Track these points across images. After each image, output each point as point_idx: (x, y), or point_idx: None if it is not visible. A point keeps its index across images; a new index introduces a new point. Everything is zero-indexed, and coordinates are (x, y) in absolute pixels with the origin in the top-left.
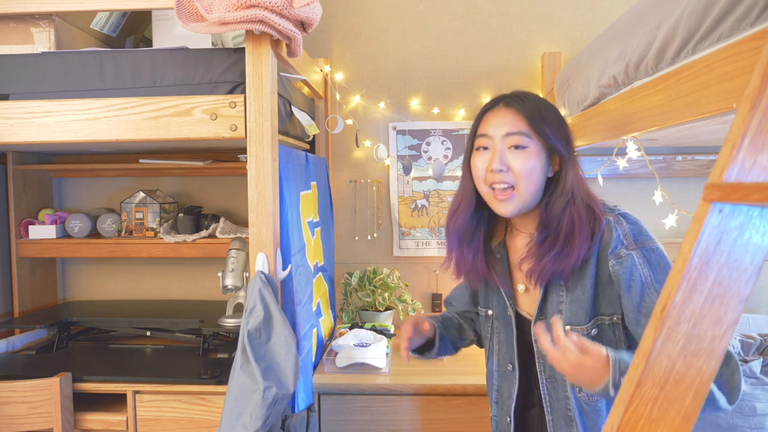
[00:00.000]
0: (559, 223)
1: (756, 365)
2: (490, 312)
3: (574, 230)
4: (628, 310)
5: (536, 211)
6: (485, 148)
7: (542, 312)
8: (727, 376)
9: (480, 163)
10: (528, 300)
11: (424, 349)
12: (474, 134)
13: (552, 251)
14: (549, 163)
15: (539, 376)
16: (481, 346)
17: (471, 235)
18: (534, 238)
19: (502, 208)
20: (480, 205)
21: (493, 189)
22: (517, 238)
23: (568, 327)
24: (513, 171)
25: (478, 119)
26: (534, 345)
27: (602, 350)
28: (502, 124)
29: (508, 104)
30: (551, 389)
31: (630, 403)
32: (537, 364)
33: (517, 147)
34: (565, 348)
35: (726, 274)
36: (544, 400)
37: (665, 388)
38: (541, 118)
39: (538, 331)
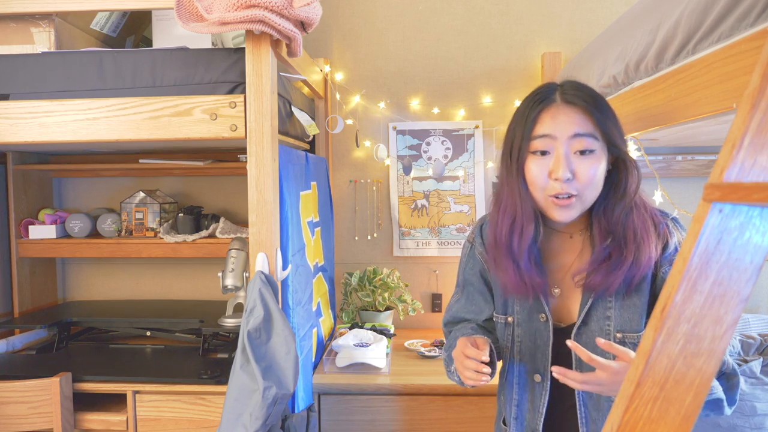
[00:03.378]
0: (625, 231)
1: (756, 365)
2: (510, 319)
3: (643, 238)
4: None
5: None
6: (544, 153)
7: (587, 319)
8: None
9: (538, 169)
10: (562, 305)
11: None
12: (528, 135)
13: (624, 264)
14: (607, 161)
15: (576, 392)
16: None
17: (534, 248)
18: (597, 248)
19: (564, 214)
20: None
21: (553, 195)
22: (554, 238)
23: (620, 334)
24: (578, 178)
25: (534, 118)
26: (573, 353)
27: (630, 353)
28: (568, 123)
29: (569, 101)
30: (590, 403)
31: (630, 403)
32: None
33: (583, 152)
34: (603, 363)
35: (726, 274)
36: (579, 413)
37: (665, 388)
38: (605, 116)
39: (574, 347)
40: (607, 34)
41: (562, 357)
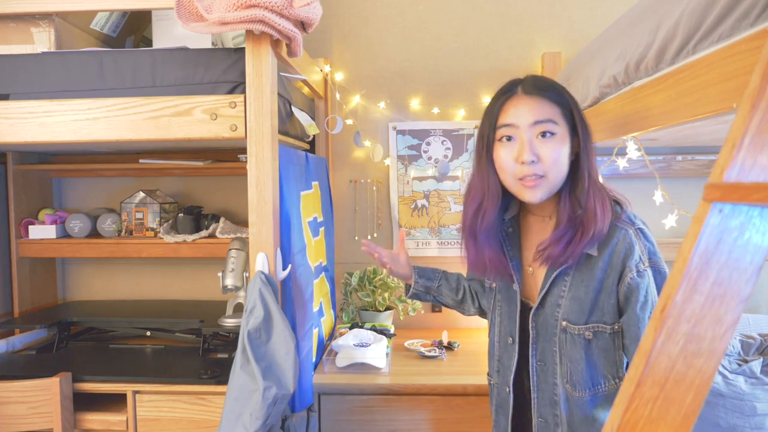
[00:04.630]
0: (586, 207)
1: (756, 365)
2: (493, 285)
3: (597, 212)
4: (636, 327)
5: (555, 195)
6: (509, 139)
7: (543, 303)
8: None
9: (506, 154)
10: (533, 284)
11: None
12: (494, 125)
13: (584, 238)
14: (572, 146)
15: (530, 359)
16: (484, 317)
17: (497, 230)
18: (561, 223)
19: (531, 195)
20: (503, 196)
21: (521, 178)
22: (531, 220)
23: (564, 323)
24: (543, 160)
25: (497, 109)
26: (531, 331)
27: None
28: (527, 112)
29: (529, 91)
30: (540, 372)
31: (630, 403)
32: (530, 348)
33: (544, 134)
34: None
35: (726, 274)
36: (531, 380)
37: (665, 388)
38: (564, 101)
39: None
40: (607, 34)
41: (527, 330)
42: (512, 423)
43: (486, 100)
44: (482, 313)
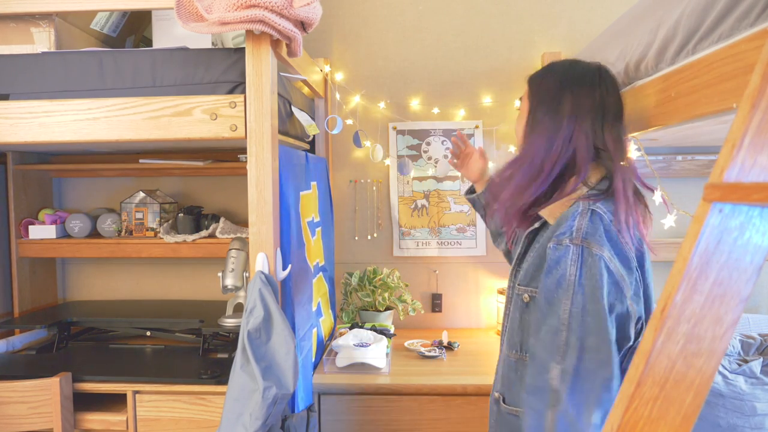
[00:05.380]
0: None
1: (756, 365)
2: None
3: (503, 183)
4: (537, 293)
5: None
6: None
7: (519, 264)
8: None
9: None
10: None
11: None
12: None
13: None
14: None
15: (504, 318)
16: (507, 259)
17: None
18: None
19: None
20: None
21: None
22: None
23: (521, 286)
24: None
25: None
26: (509, 290)
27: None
28: None
29: None
30: (506, 330)
31: (630, 403)
32: (506, 307)
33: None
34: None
35: (726, 274)
36: (502, 335)
37: (665, 388)
38: (532, 80)
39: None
40: (607, 34)
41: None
42: None
43: (486, 100)
44: (507, 255)
